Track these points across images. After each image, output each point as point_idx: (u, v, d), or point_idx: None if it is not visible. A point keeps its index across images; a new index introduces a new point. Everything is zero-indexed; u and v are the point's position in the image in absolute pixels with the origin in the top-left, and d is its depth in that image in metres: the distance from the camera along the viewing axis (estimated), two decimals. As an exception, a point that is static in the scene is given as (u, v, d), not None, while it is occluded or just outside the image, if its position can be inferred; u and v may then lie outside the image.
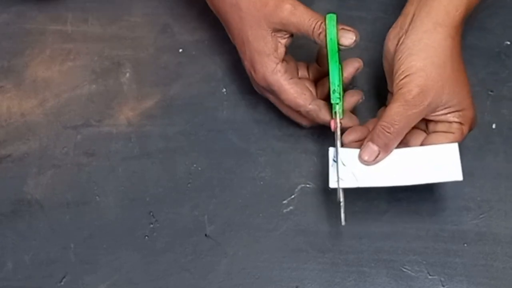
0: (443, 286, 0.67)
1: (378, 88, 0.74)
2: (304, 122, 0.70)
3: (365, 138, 0.65)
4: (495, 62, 0.75)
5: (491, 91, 0.74)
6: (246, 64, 0.68)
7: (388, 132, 0.63)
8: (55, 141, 0.74)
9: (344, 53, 0.67)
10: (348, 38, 0.65)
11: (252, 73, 0.68)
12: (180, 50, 0.77)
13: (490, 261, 0.68)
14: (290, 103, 0.67)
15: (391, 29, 0.66)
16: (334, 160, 0.65)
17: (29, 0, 0.80)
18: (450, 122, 0.64)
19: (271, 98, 0.70)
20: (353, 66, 0.68)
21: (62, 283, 0.69)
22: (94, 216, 0.71)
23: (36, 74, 0.77)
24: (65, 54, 0.77)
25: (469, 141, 0.68)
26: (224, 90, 0.75)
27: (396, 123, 0.63)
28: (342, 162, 0.65)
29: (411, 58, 0.63)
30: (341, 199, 0.64)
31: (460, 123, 0.64)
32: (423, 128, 0.67)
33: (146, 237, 0.70)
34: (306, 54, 0.73)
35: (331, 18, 0.64)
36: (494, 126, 0.73)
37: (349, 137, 0.66)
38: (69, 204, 0.71)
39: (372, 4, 0.79)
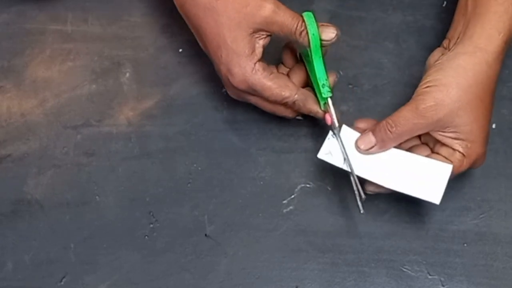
0: (443, 286, 0.67)
1: (378, 88, 0.74)
2: (289, 115, 0.70)
3: None
4: (495, 62, 0.75)
5: (491, 91, 0.74)
6: (222, 68, 0.67)
7: (389, 131, 0.64)
8: (55, 141, 0.74)
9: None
10: (330, 32, 0.65)
11: (229, 77, 0.66)
12: (180, 50, 0.77)
13: (490, 261, 0.68)
14: (276, 98, 0.67)
15: (437, 48, 0.67)
16: (332, 136, 0.66)
17: (29, 0, 0.79)
18: (454, 150, 0.64)
19: (252, 99, 0.69)
20: None
21: (62, 283, 0.69)
22: (94, 216, 0.71)
23: (36, 74, 0.77)
24: (65, 54, 0.77)
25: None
26: (224, 90, 0.75)
27: (399, 126, 0.63)
28: (340, 139, 0.65)
29: (439, 72, 0.63)
30: (355, 187, 0.64)
31: (463, 154, 0.64)
32: (431, 146, 0.67)
33: (146, 237, 0.70)
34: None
35: (309, 15, 0.65)
36: (494, 126, 0.73)
37: (360, 124, 0.67)
38: (69, 204, 0.71)
39: (372, 4, 0.78)
